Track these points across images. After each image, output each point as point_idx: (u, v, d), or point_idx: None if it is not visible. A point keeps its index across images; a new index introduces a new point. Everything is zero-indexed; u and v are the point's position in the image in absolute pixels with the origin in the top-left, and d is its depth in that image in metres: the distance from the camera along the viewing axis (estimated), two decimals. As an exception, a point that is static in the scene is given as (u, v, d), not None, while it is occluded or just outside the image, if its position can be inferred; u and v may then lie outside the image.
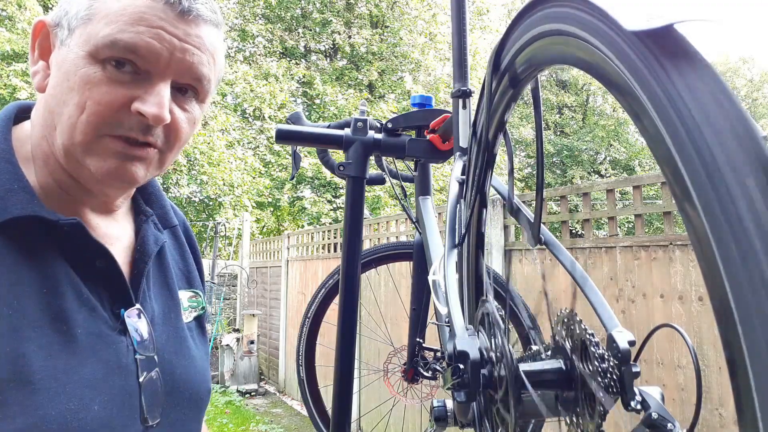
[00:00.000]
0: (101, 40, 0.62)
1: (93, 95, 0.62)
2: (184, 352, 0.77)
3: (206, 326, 0.87)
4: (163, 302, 0.77)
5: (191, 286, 0.85)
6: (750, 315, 0.29)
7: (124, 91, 0.63)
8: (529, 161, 16.98)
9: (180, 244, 0.87)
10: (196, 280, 0.87)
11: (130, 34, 0.62)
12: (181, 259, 0.86)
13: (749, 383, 0.29)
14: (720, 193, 0.31)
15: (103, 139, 0.64)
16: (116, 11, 0.62)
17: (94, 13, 0.63)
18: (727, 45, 40.92)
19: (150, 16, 0.63)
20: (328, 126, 1.35)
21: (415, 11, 13.19)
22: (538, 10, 0.49)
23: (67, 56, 0.64)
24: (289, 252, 6.80)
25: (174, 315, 0.78)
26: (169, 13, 0.64)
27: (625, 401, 0.50)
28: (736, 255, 0.30)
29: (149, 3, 0.63)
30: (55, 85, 0.64)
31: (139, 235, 0.77)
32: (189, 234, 0.90)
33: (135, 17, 0.62)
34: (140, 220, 0.78)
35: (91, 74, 0.62)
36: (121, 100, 0.63)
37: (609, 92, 0.40)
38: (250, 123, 11.00)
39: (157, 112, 0.63)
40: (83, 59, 0.62)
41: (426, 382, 1.51)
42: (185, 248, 0.88)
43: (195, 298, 0.85)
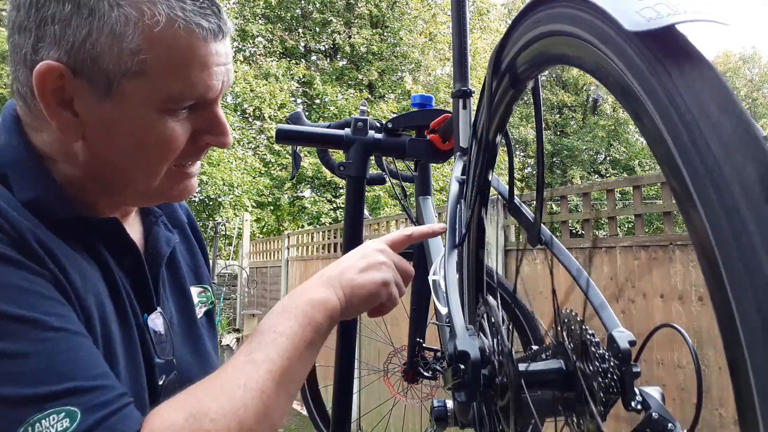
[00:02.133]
0: (171, 97, 0.60)
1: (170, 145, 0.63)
2: (200, 351, 0.78)
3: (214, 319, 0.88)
4: (177, 302, 0.78)
5: (200, 281, 0.85)
6: (751, 315, 0.29)
7: (188, 126, 0.64)
8: (529, 161, 16.98)
9: (187, 240, 0.87)
10: (204, 275, 0.87)
11: (197, 86, 0.61)
12: (189, 255, 0.86)
13: (750, 383, 0.29)
14: (721, 192, 0.31)
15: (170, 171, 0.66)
16: (177, 62, 0.59)
17: (150, 67, 0.58)
18: (728, 44, 40.95)
19: (206, 57, 0.61)
20: (328, 126, 1.35)
21: (415, 11, 13.19)
22: (539, 10, 0.49)
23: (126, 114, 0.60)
24: (289, 252, 6.80)
25: (188, 314, 0.79)
26: (214, 44, 0.62)
27: (626, 401, 0.50)
28: (737, 255, 0.30)
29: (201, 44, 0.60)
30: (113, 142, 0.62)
31: (150, 236, 0.76)
32: (194, 227, 0.90)
33: (195, 64, 0.60)
34: (149, 222, 0.78)
35: (164, 128, 0.62)
36: (189, 137, 0.65)
37: (609, 93, 0.40)
38: (250, 123, 11.00)
39: (229, 141, 0.68)
40: (151, 115, 0.61)
41: (426, 382, 1.51)
42: (192, 243, 0.88)
43: (204, 293, 0.85)
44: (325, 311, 0.63)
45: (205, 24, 0.60)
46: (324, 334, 0.63)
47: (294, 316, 0.61)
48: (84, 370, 0.51)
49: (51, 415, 0.46)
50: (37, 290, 0.52)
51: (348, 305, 0.67)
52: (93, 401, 0.49)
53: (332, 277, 0.68)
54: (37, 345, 0.49)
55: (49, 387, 0.48)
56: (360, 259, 0.71)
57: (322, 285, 0.66)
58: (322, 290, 0.65)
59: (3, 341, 0.48)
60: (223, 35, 0.63)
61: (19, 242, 0.54)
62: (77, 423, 0.47)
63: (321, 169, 9.76)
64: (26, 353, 0.48)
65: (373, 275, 0.70)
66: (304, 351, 0.60)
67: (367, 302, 0.69)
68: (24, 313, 0.50)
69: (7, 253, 0.52)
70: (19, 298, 0.50)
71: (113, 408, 0.50)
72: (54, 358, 0.49)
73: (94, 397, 0.49)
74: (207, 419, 0.50)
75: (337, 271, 0.69)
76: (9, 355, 0.48)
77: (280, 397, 0.56)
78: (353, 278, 0.68)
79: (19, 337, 0.49)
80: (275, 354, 0.57)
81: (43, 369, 0.48)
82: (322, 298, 0.64)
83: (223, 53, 0.64)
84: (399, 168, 1.41)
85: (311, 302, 0.63)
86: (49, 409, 0.47)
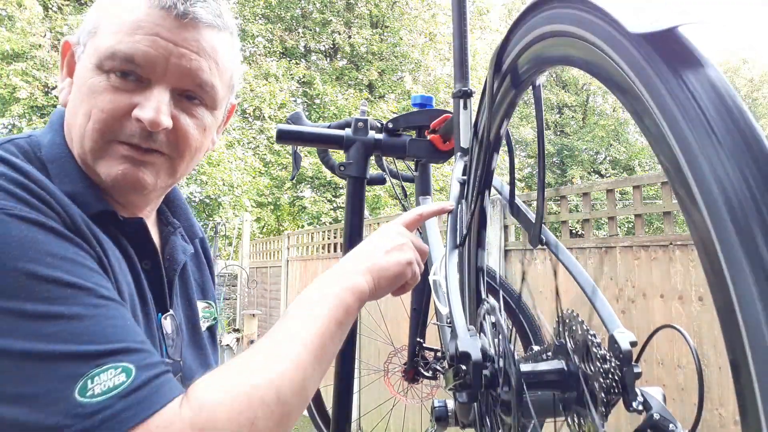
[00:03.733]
0: (104, 52, 0.64)
1: (97, 103, 0.64)
2: (202, 360, 0.80)
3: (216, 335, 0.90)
4: (185, 311, 0.81)
5: (205, 297, 0.88)
6: (754, 314, 0.29)
7: (127, 98, 0.65)
8: (529, 161, 16.97)
9: (198, 256, 0.90)
10: (210, 292, 0.90)
11: (127, 44, 0.63)
12: (198, 271, 0.89)
13: (752, 384, 0.29)
14: (723, 191, 0.31)
15: (110, 145, 0.66)
16: (117, 23, 0.65)
17: (98, 26, 0.66)
18: (729, 45, 40.97)
19: (147, 23, 0.64)
20: (328, 126, 1.35)
21: (415, 11, 13.18)
22: (541, 11, 0.49)
23: (80, 70, 0.67)
24: (289, 252, 6.79)
25: (193, 324, 0.82)
26: (166, 19, 0.64)
27: (627, 402, 0.50)
28: (740, 254, 0.30)
29: (146, 11, 0.64)
30: (71, 98, 0.68)
31: (167, 245, 0.79)
32: (205, 247, 0.93)
33: (133, 27, 0.64)
34: (167, 231, 0.81)
35: (96, 84, 0.64)
36: (123, 108, 0.65)
37: (611, 93, 0.40)
38: (250, 123, 11.00)
39: (152, 117, 0.64)
40: (90, 71, 0.65)
41: (426, 382, 1.51)
42: (202, 259, 0.91)
43: (208, 308, 0.88)
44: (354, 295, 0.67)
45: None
46: (354, 314, 0.67)
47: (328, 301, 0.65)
48: (132, 334, 0.55)
49: (109, 370, 0.50)
50: (88, 264, 0.57)
51: (377, 287, 0.70)
52: (144, 360, 0.53)
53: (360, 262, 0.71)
54: (90, 309, 0.53)
55: (104, 345, 0.51)
56: (383, 242, 0.74)
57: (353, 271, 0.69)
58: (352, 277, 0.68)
59: (61, 305, 0.52)
60: (180, 13, 0.65)
61: (70, 223, 0.58)
62: (132, 378, 0.50)
63: (321, 169, 9.76)
64: (82, 315, 0.52)
65: (398, 256, 0.73)
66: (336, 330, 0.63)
67: (393, 283, 0.73)
68: (78, 281, 0.54)
69: (60, 229, 0.56)
70: (73, 268, 0.54)
71: (162, 370, 0.54)
72: (106, 322, 0.53)
73: (145, 357, 0.53)
74: (248, 385, 0.53)
75: (364, 256, 0.72)
76: (67, 317, 0.52)
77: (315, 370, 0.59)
78: (380, 261, 0.71)
79: (75, 302, 0.53)
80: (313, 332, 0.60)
81: (99, 330, 0.52)
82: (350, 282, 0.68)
83: (179, 33, 0.65)
84: (399, 168, 1.41)
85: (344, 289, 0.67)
86: (105, 364, 0.50)
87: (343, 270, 0.70)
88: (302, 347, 0.58)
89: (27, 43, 8.81)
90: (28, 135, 0.68)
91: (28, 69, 8.71)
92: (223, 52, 0.70)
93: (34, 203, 0.56)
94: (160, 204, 0.81)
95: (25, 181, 0.57)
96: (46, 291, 0.51)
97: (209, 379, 0.54)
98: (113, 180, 0.66)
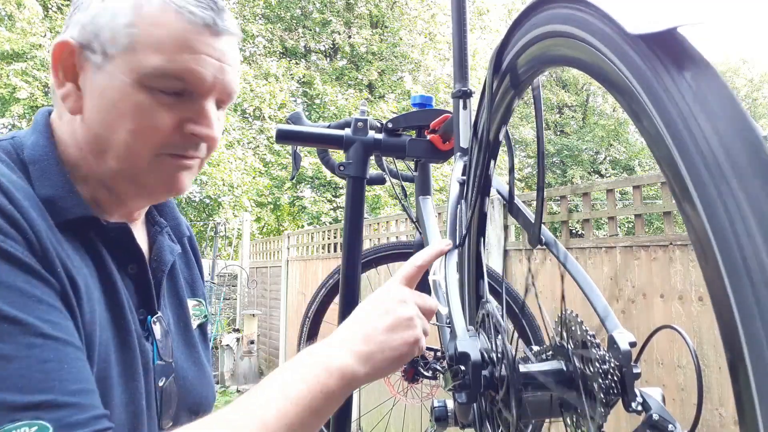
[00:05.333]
0: (151, 71, 0.63)
1: (146, 122, 0.64)
2: (194, 358, 0.80)
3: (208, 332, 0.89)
4: (175, 311, 0.80)
5: (195, 294, 0.88)
6: (751, 316, 0.29)
7: (177, 114, 0.66)
8: (529, 161, 16.97)
9: (186, 253, 0.89)
10: (199, 289, 0.90)
11: (179, 64, 0.64)
12: (187, 269, 0.88)
13: (750, 384, 0.29)
14: (720, 192, 0.31)
15: (159, 158, 0.67)
16: (162, 40, 0.63)
17: (137, 42, 0.63)
18: (729, 45, 40.96)
19: (193, 41, 0.64)
20: (328, 126, 1.35)
21: (415, 11, 13.18)
22: (541, 11, 0.49)
23: (111, 83, 0.64)
24: (289, 252, 6.79)
25: (184, 323, 0.81)
26: (207, 35, 0.65)
27: (626, 402, 0.50)
28: (737, 255, 0.30)
29: (188, 27, 0.64)
30: (100, 111, 0.65)
31: (154, 245, 0.79)
32: (194, 245, 0.93)
33: (179, 45, 0.64)
34: (155, 231, 0.80)
35: (143, 101, 0.64)
36: (174, 123, 0.66)
37: (610, 94, 0.40)
38: (249, 123, 10.99)
39: (210, 134, 0.68)
40: (132, 87, 0.64)
41: (426, 381, 1.51)
42: (190, 257, 0.90)
43: (198, 306, 0.87)
44: (342, 379, 0.58)
45: (198, 12, 0.64)
46: (337, 401, 0.58)
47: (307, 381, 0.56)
48: (64, 383, 0.50)
49: (22, 427, 0.46)
50: (37, 295, 0.52)
51: (372, 371, 0.61)
52: (67, 418, 0.48)
53: (355, 338, 0.61)
54: (22, 350, 0.49)
55: (25, 396, 0.47)
56: (384, 316, 0.63)
57: (343, 348, 0.60)
58: (343, 356, 0.59)
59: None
60: (218, 30, 0.66)
61: (35, 246, 0.54)
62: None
63: (321, 169, 9.75)
64: (11, 357, 0.48)
65: (403, 336, 0.62)
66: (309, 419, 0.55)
67: (395, 364, 0.62)
68: (17, 315, 0.49)
69: (17, 256, 0.52)
70: (17, 299, 0.50)
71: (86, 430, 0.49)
72: (36, 367, 0.49)
73: (69, 414, 0.48)
74: None
75: (361, 334, 0.61)
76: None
77: None
78: (381, 341, 0.61)
79: (7, 339, 0.48)
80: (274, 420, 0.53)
81: (24, 376, 0.48)
82: (341, 366, 0.58)
83: (218, 48, 0.66)
84: (399, 168, 1.41)
85: (327, 369, 0.57)
86: (21, 420, 0.46)
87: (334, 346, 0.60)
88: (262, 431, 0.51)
89: (27, 43, 8.81)
90: (12, 136, 0.67)
91: (28, 69, 8.70)
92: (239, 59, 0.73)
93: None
94: None
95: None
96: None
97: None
98: (160, 189, 0.69)
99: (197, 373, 0.79)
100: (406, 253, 1.57)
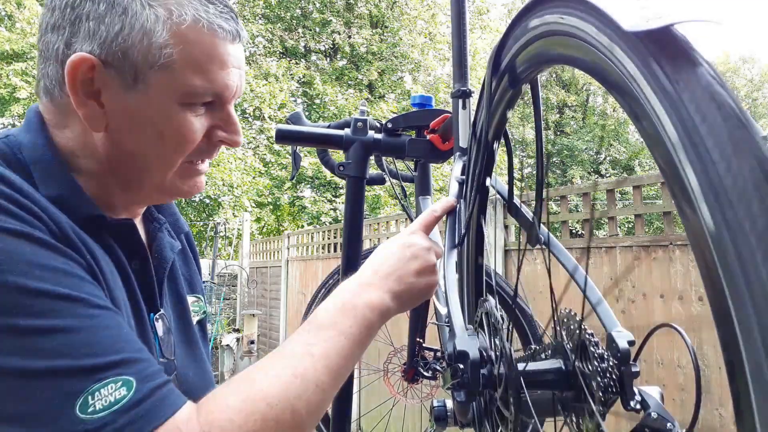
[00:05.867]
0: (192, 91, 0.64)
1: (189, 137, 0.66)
2: (195, 355, 0.80)
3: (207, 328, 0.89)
4: (175, 308, 0.80)
5: (193, 291, 0.88)
6: (748, 316, 0.29)
7: (204, 122, 0.68)
8: (528, 161, 16.94)
9: (184, 251, 0.89)
10: (198, 285, 0.90)
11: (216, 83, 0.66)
12: (185, 265, 0.88)
13: (747, 384, 0.29)
14: (719, 193, 0.31)
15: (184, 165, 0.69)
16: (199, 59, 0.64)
17: (174, 62, 0.62)
18: (728, 44, 40.92)
19: (224, 56, 0.66)
20: (328, 126, 1.35)
21: (415, 11, 13.17)
22: (539, 10, 0.49)
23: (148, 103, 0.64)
24: (289, 252, 6.79)
25: (184, 320, 0.81)
26: (231, 46, 0.67)
27: (625, 401, 0.50)
28: (735, 256, 0.30)
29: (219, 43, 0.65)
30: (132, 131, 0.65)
31: (154, 242, 0.79)
32: (191, 240, 0.93)
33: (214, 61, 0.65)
34: (154, 228, 0.80)
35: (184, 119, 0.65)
36: (203, 132, 0.68)
37: (608, 93, 0.40)
38: (249, 123, 10.99)
39: (240, 140, 0.71)
40: (172, 107, 0.65)
41: (426, 381, 1.51)
42: (188, 253, 0.91)
43: (197, 302, 0.87)
44: (381, 315, 0.66)
45: (226, 26, 0.65)
46: (375, 334, 0.66)
47: (354, 316, 0.63)
48: (131, 343, 0.54)
49: (109, 384, 0.49)
50: (78, 273, 0.55)
51: (400, 307, 0.69)
52: (144, 371, 0.52)
53: (389, 278, 0.69)
54: (84, 321, 0.52)
55: (103, 358, 0.51)
56: (413, 261, 0.71)
57: (380, 287, 0.68)
58: (379, 293, 0.67)
59: (55, 318, 0.51)
60: (239, 39, 0.68)
61: (58, 232, 0.57)
62: (133, 391, 0.50)
63: (321, 169, 9.75)
64: (77, 328, 0.51)
65: (428, 279, 0.72)
66: (357, 350, 0.63)
67: (418, 302, 0.72)
68: (70, 293, 0.53)
69: (47, 240, 0.55)
70: (63, 279, 0.53)
71: (163, 380, 0.53)
72: (102, 332, 0.52)
73: (145, 367, 0.52)
74: (264, 403, 0.52)
75: (394, 272, 0.69)
76: (62, 330, 0.51)
77: (333, 391, 0.59)
78: (410, 282, 0.70)
79: (68, 314, 0.52)
80: (334, 352, 0.59)
81: (95, 342, 0.51)
82: (380, 303, 0.66)
83: (239, 57, 0.68)
84: (399, 168, 1.41)
85: (370, 306, 0.65)
86: (105, 378, 0.50)
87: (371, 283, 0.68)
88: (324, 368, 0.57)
89: (27, 43, 8.81)
90: (6, 135, 0.66)
91: (28, 69, 8.71)
92: None
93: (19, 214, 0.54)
94: None
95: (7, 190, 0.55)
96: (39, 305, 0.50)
97: (224, 392, 0.54)
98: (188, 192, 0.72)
99: (198, 370, 0.79)
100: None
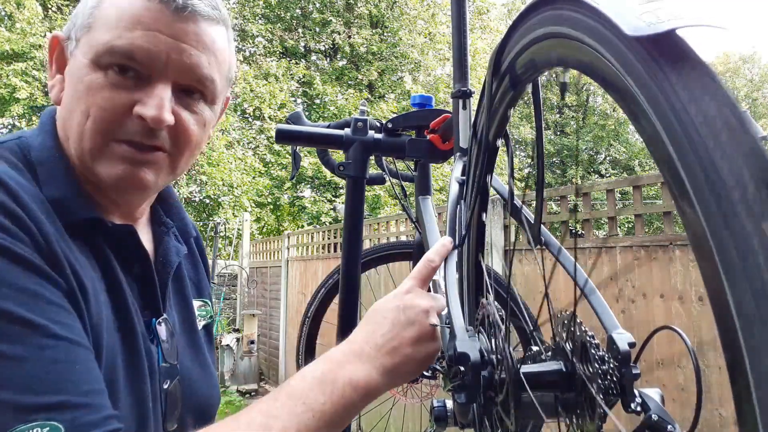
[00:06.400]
0: (101, 48, 0.62)
1: (96, 101, 0.62)
2: (200, 360, 0.79)
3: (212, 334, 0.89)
4: (180, 312, 0.79)
5: (201, 295, 0.87)
6: (749, 317, 0.29)
7: (127, 95, 0.63)
8: (529, 161, 16.98)
9: (192, 254, 0.88)
10: (205, 290, 0.89)
11: (126, 40, 0.61)
12: (193, 269, 0.87)
13: (749, 386, 0.29)
14: (718, 193, 0.31)
15: (110, 145, 0.64)
16: (114, 17, 0.63)
17: (94, 21, 0.64)
18: (728, 45, 40.97)
19: (146, 18, 0.62)
20: (328, 126, 1.35)
21: (415, 11, 13.17)
22: (540, 12, 0.49)
23: (74, 66, 0.65)
24: (289, 252, 6.79)
25: (190, 324, 0.80)
26: (165, 13, 0.63)
27: (625, 403, 0.50)
28: (735, 256, 0.30)
29: (144, 4, 0.62)
30: (66, 96, 0.65)
31: (160, 246, 0.77)
32: (200, 245, 0.92)
33: (131, 21, 0.62)
34: (161, 231, 0.79)
35: (94, 80, 0.62)
36: (124, 105, 0.62)
37: (610, 96, 0.40)
38: (249, 123, 10.99)
39: (155, 114, 0.62)
40: (87, 67, 0.63)
41: (426, 381, 1.51)
42: (197, 258, 0.89)
43: (204, 307, 0.86)
44: (366, 394, 0.58)
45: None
46: (356, 413, 0.58)
47: (330, 393, 0.55)
48: (76, 384, 0.50)
49: (35, 428, 0.46)
50: (47, 296, 0.52)
51: (392, 383, 0.61)
52: (80, 419, 0.48)
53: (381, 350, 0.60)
54: (35, 351, 0.49)
55: (38, 398, 0.47)
56: (409, 327, 0.62)
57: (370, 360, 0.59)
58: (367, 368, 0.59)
59: (4, 342, 0.48)
60: (179, 8, 0.63)
61: (43, 247, 0.54)
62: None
63: (321, 169, 9.75)
64: (23, 358, 0.48)
65: (427, 348, 0.62)
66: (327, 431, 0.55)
67: (415, 375, 0.63)
68: (28, 316, 0.49)
69: (26, 257, 0.52)
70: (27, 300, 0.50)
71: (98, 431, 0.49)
72: (49, 367, 0.48)
73: (81, 415, 0.48)
74: None
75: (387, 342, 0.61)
76: (7, 358, 0.47)
77: None
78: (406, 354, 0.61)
79: (18, 341, 0.48)
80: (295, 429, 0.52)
81: (36, 377, 0.48)
82: (365, 380, 0.58)
83: (178, 27, 0.63)
84: (399, 168, 1.41)
85: (353, 383, 0.57)
86: (34, 420, 0.46)
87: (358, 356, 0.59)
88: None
89: (27, 43, 8.81)
90: (18, 136, 0.66)
91: (27, 69, 8.71)
92: (221, 45, 0.69)
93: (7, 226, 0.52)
94: (154, 202, 0.80)
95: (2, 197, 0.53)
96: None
97: None
98: (114, 181, 0.64)
99: (202, 374, 0.78)
100: (405, 253, 1.57)
